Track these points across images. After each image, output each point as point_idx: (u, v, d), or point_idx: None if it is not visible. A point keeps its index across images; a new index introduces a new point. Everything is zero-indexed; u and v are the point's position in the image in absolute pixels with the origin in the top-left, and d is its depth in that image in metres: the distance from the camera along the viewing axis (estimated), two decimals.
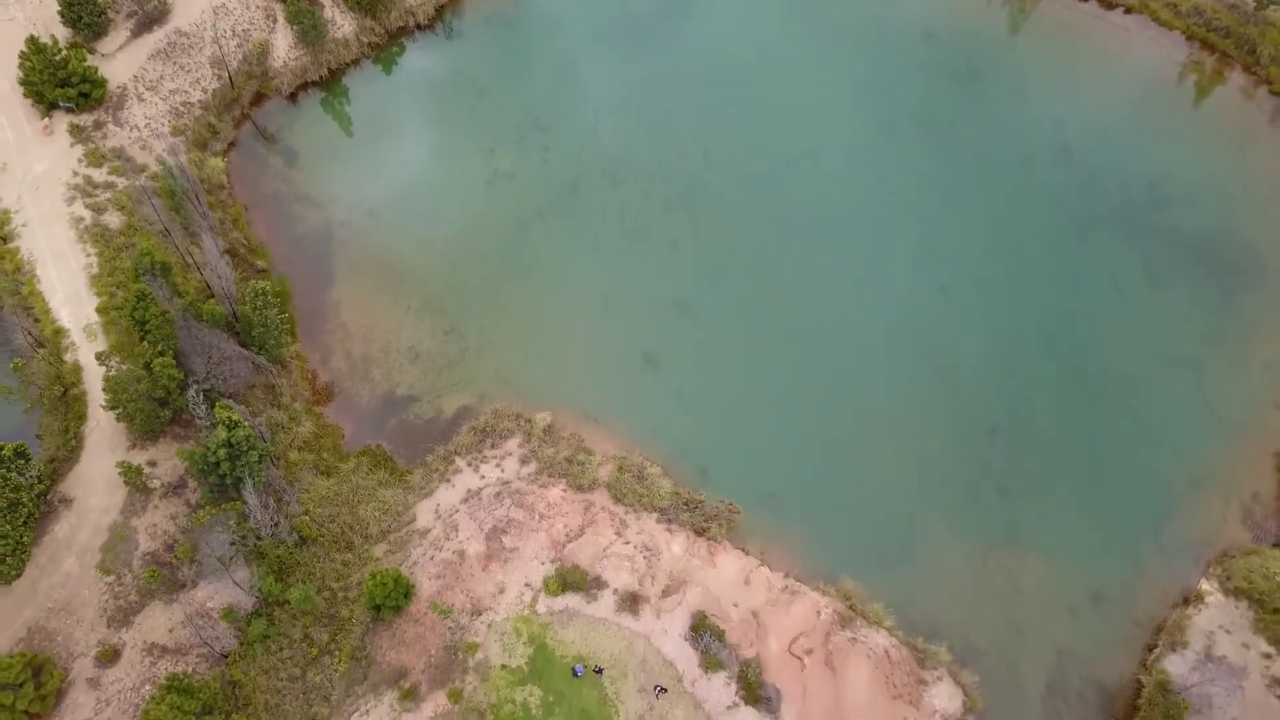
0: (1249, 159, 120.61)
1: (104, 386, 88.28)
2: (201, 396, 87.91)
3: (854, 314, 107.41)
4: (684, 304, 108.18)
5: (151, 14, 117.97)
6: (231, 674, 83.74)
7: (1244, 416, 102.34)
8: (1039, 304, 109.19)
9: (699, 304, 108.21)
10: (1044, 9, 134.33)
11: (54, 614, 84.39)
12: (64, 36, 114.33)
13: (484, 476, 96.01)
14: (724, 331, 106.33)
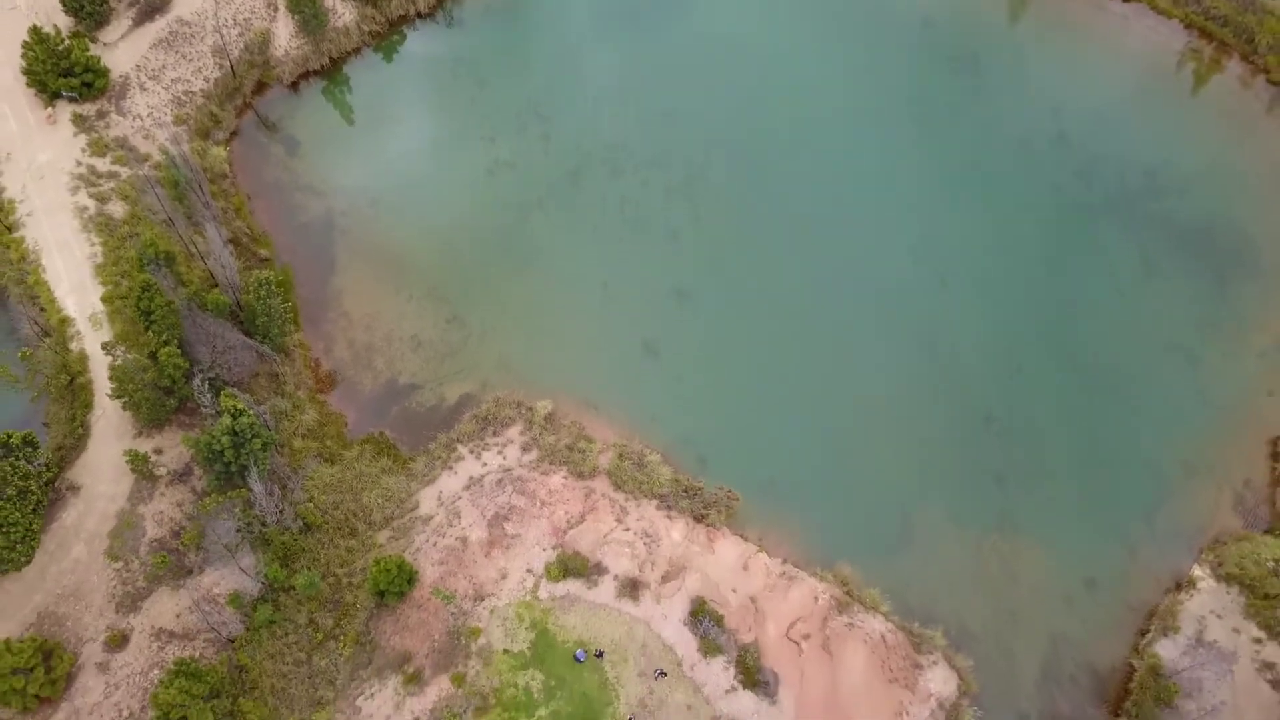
0: (1246, 148, 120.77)
1: (110, 376, 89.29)
2: (207, 385, 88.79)
3: (852, 303, 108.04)
4: (684, 293, 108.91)
5: (153, 3, 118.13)
6: (238, 658, 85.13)
7: (1238, 404, 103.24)
8: (1035, 292, 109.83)
9: (699, 293, 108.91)
10: None
11: (63, 600, 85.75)
12: (66, 26, 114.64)
13: (486, 464, 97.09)
14: (723, 320, 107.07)
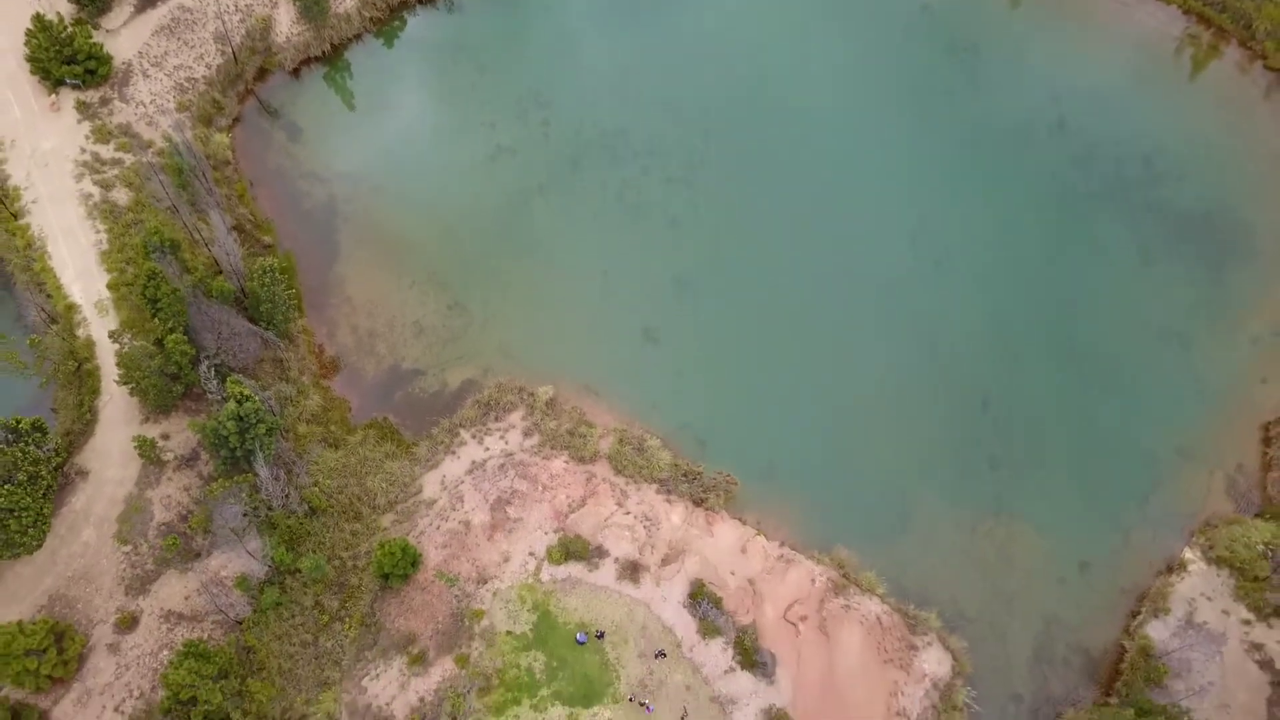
0: (1243, 134, 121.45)
1: (117, 362, 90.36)
2: (213, 371, 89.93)
3: (850, 290, 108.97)
4: (683, 280, 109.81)
5: None
6: (246, 639, 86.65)
7: (1231, 390, 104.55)
8: (1032, 278, 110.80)
9: (698, 280, 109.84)
10: None
11: (74, 582, 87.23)
12: (69, 13, 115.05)
13: (488, 449, 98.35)
14: (722, 307, 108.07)
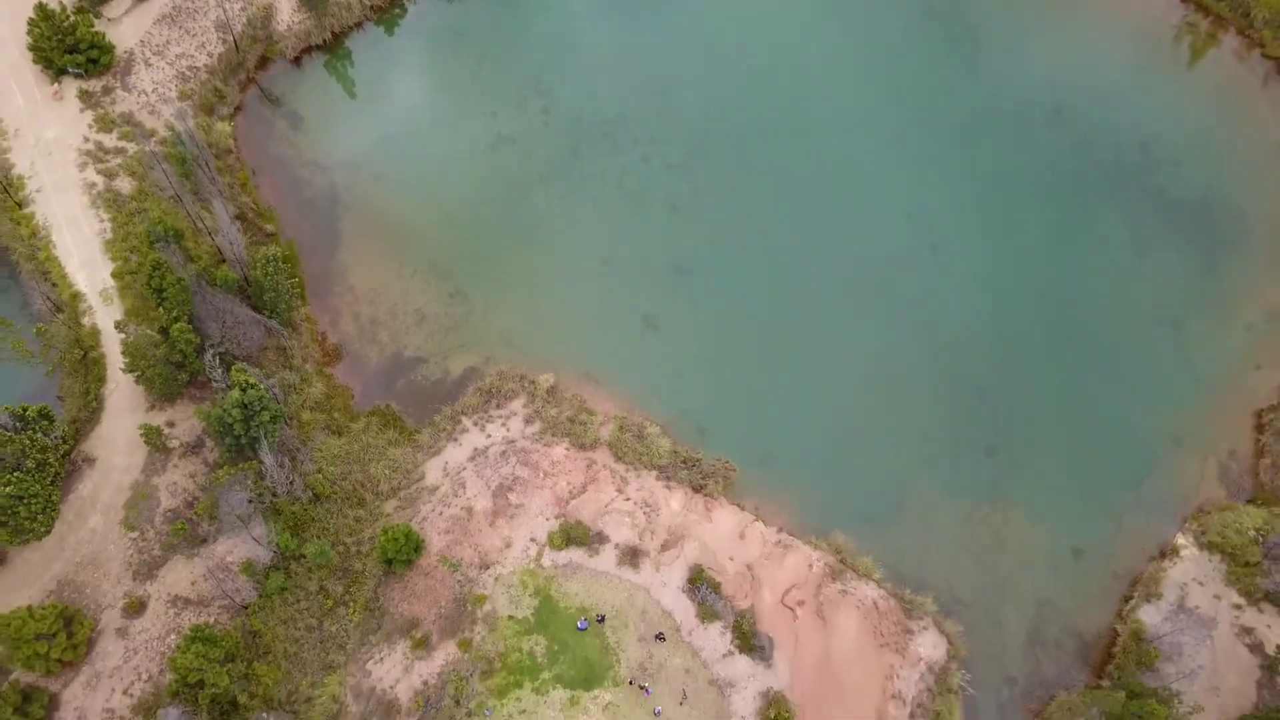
0: (1240, 122, 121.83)
1: (123, 351, 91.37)
2: (217, 360, 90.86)
3: (849, 278, 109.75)
4: (683, 267, 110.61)
5: None
6: (252, 624, 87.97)
7: (1224, 377, 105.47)
8: (1028, 265, 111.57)
9: (697, 267, 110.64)
10: None
11: (82, 568, 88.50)
12: (71, 2, 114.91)
13: (490, 436, 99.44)
14: (722, 295, 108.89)
